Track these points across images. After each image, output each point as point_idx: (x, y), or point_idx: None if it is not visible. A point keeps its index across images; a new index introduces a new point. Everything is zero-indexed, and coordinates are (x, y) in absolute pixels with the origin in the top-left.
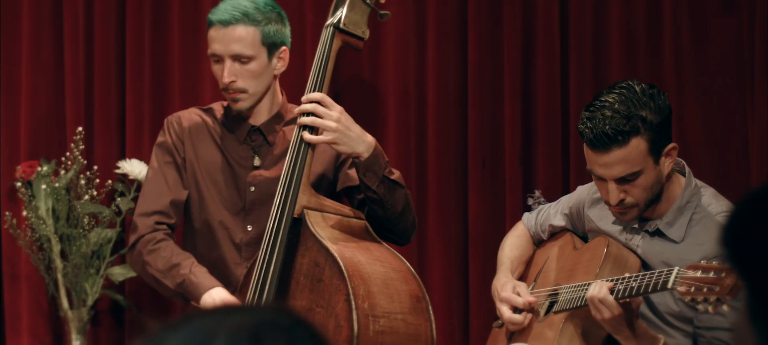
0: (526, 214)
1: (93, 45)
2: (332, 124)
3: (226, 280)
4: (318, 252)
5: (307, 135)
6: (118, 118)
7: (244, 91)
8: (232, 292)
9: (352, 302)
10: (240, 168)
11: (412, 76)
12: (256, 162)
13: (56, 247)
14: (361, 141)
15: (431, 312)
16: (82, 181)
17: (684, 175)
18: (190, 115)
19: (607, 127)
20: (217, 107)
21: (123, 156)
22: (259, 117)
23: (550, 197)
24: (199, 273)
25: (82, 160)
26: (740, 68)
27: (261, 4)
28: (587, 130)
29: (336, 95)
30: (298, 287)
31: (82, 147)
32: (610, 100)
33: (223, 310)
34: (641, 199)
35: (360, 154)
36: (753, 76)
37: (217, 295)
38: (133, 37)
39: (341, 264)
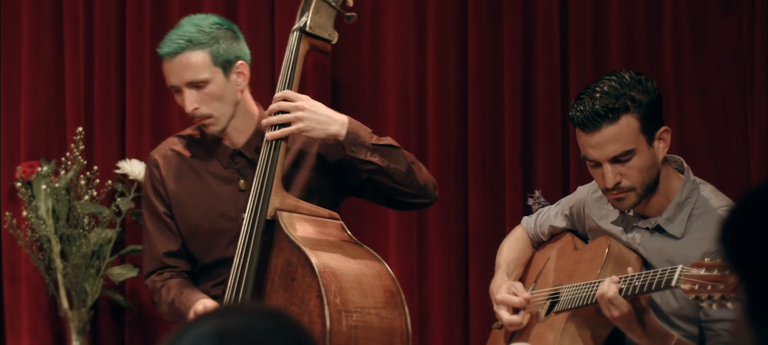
0: (524, 218)
1: (93, 45)
2: (300, 114)
3: None
4: (291, 252)
5: (271, 132)
6: (118, 118)
7: (210, 116)
8: None
9: (324, 298)
10: (226, 194)
11: (412, 76)
12: (242, 185)
13: (56, 247)
14: (333, 121)
15: (406, 307)
16: (82, 182)
17: (682, 173)
18: (167, 152)
19: (597, 105)
20: (195, 133)
21: (123, 156)
22: (239, 138)
23: (550, 197)
24: (185, 299)
25: (82, 160)
26: (740, 68)
27: (206, 26)
28: (578, 113)
29: (336, 95)
30: (273, 287)
31: (82, 147)
32: (599, 86)
33: (215, 311)
34: (638, 182)
35: (337, 134)
36: (753, 76)
37: (204, 303)
38: (133, 37)
39: (313, 261)
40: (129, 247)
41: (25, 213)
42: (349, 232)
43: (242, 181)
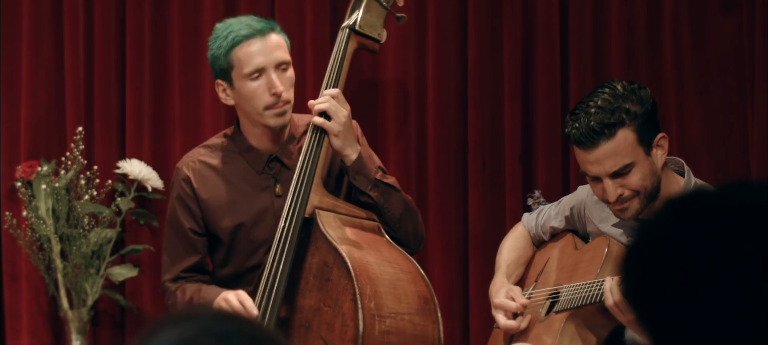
0: (525, 215)
1: (93, 45)
2: (342, 119)
3: None
4: (327, 252)
5: (317, 119)
6: (118, 118)
7: (288, 102)
8: None
9: (358, 302)
10: (263, 201)
11: (412, 76)
12: (278, 190)
13: (56, 247)
14: (353, 143)
15: (439, 314)
16: (82, 181)
17: (683, 175)
18: (196, 165)
19: (593, 122)
20: (221, 141)
21: (123, 156)
22: (274, 145)
23: (550, 197)
24: (205, 292)
25: (82, 160)
26: (740, 68)
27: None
28: (573, 131)
29: None
30: (307, 286)
31: (82, 147)
32: (593, 100)
33: (171, 320)
34: (640, 190)
35: (348, 155)
36: (753, 76)
37: (224, 295)
38: (133, 37)
39: (349, 264)
40: (129, 247)
41: (25, 213)
42: (386, 235)
43: (279, 186)
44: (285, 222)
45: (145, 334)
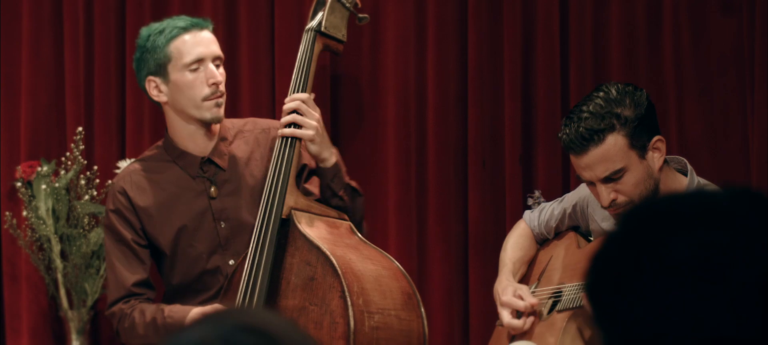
0: (527, 213)
1: (93, 45)
2: (314, 123)
3: None
4: (309, 251)
5: (286, 129)
6: (118, 118)
7: (224, 95)
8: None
9: (348, 299)
10: (200, 205)
11: (412, 76)
12: (213, 192)
13: (56, 247)
14: (329, 146)
15: (422, 308)
16: (82, 181)
17: (686, 174)
18: (131, 178)
19: (582, 128)
20: (154, 152)
21: (123, 156)
22: (206, 146)
23: (550, 197)
24: (172, 313)
25: (82, 160)
26: (740, 68)
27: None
28: (564, 136)
29: (336, 95)
30: (289, 287)
31: (82, 147)
32: (586, 105)
33: (208, 318)
34: (634, 196)
35: (326, 159)
36: (753, 76)
37: (200, 310)
38: (133, 37)
39: (334, 262)
40: None
41: (25, 213)
42: (358, 234)
43: (214, 188)
44: (262, 224)
45: (180, 331)
